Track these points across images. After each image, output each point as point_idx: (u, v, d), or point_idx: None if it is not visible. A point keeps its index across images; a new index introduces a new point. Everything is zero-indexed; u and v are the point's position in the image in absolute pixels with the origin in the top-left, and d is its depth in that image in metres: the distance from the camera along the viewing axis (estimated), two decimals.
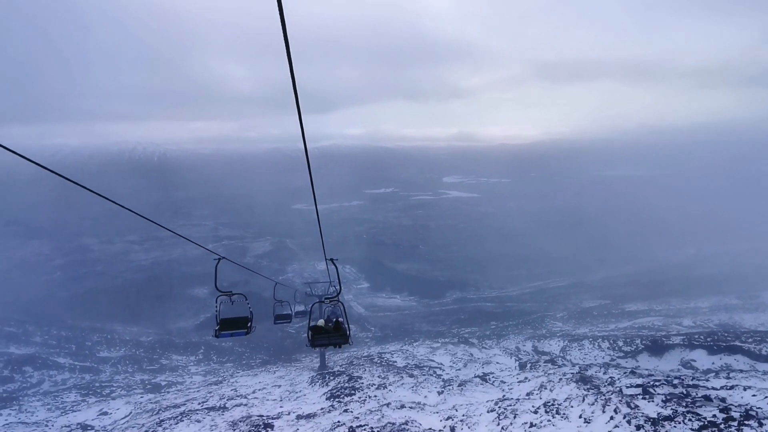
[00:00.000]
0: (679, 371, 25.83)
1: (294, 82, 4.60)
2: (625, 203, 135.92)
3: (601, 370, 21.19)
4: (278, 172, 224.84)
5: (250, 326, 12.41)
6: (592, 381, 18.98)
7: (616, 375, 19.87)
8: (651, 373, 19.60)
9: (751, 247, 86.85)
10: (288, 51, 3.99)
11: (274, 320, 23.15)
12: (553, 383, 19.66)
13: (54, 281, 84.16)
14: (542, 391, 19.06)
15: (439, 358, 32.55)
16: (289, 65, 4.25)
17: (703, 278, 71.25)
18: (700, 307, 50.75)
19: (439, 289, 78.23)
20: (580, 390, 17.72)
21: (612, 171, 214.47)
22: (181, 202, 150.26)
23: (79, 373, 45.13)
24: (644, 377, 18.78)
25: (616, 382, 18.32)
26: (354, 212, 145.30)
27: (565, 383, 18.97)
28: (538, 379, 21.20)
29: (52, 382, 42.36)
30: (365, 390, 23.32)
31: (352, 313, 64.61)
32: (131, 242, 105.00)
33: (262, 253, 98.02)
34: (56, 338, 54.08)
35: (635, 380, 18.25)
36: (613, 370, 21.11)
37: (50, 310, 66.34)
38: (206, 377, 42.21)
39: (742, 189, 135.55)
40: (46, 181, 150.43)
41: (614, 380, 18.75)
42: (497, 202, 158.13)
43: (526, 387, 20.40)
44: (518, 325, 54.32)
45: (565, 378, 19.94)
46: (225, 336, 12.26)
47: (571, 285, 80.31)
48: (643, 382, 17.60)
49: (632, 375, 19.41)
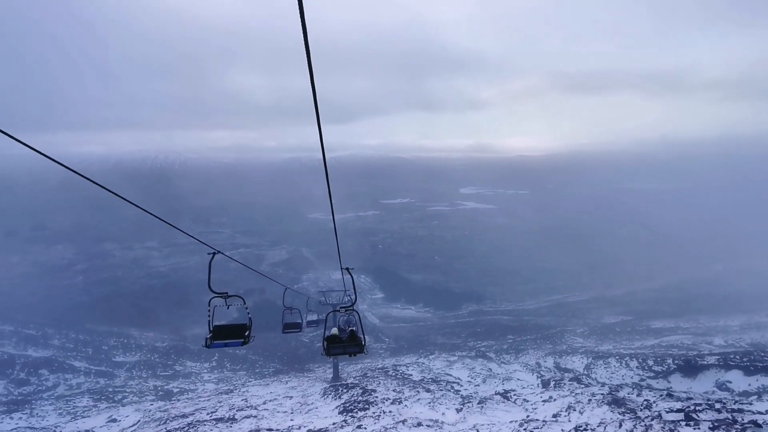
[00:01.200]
0: (714, 393, 23.95)
1: (314, 93, 4.65)
2: (646, 217, 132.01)
3: (634, 391, 19.55)
4: (296, 181, 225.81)
5: (248, 336, 10.83)
6: (626, 404, 17.41)
7: (651, 397, 18.23)
8: (689, 396, 17.93)
9: None
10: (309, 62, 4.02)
11: (283, 329, 21.51)
12: (582, 404, 18.13)
13: (75, 285, 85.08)
14: (571, 413, 17.55)
15: (457, 373, 31.06)
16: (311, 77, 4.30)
17: (730, 295, 68.16)
18: (730, 325, 48.06)
19: (454, 301, 76.44)
20: (614, 414, 16.21)
21: (633, 184, 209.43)
22: (200, 209, 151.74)
23: (94, 377, 44.87)
24: (683, 400, 17.15)
25: (653, 406, 16.75)
26: (370, 222, 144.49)
27: (596, 405, 17.44)
28: (564, 399, 19.66)
29: (67, 386, 42.13)
30: (379, 404, 22.08)
31: (366, 323, 63.38)
32: (150, 248, 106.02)
33: (278, 261, 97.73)
34: (74, 342, 54.15)
35: (674, 404, 16.66)
36: (647, 392, 19.46)
37: (70, 313, 66.79)
38: (218, 385, 41.44)
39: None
40: (72, 188, 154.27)
41: (650, 404, 17.16)
42: (515, 214, 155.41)
43: (552, 407, 18.90)
44: (537, 340, 52.44)
45: (595, 399, 18.40)
46: (217, 346, 10.65)
47: (591, 299, 77.65)
48: (683, 407, 16.02)
49: (669, 398, 17.77)
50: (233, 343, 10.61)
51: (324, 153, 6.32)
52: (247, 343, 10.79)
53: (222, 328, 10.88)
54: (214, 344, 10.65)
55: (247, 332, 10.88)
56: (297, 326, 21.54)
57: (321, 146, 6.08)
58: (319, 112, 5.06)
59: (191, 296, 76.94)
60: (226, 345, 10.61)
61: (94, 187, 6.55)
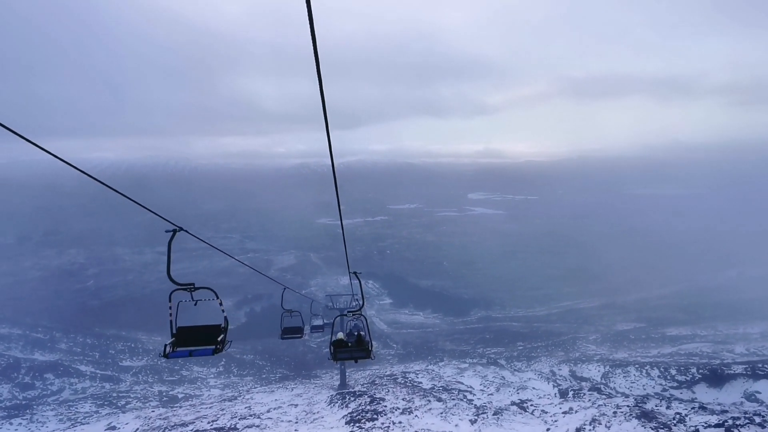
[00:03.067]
0: (743, 404, 22.28)
1: (323, 99, 4.63)
2: (658, 222, 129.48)
3: (662, 403, 17.99)
4: (304, 186, 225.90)
5: (222, 341, 8.39)
6: (657, 417, 15.90)
7: (683, 410, 16.67)
8: (724, 409, 16.38)
9: None
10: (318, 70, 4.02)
11: (282, 334, 19.26)
12: (607, 417, 16.66)
13: (86, 290, 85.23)
14: (596, 427, 16.08)
15: (468, 381, 29.57)
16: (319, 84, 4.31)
17: (747, 302, 65.95)
18: (751, 333, 45.98)
19: (463, 307, 75.09)
20: (646, 429, 14.72)
21: (644, 189, 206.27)
22: (210, 214, 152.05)
23: (99, 381, 44.07)
24: (717, 414, 15.62)
25: (687, 420, 15.27)
26: (378, 227, 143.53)
27: (624, 419, 15.96)
28: (586, 411, 18.16)
29: (72, 390, 41.31)
30: (388, 415, 20.75)
31: (374, 329, 62.11)
32: (161, 253, 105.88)
33: (286, 266, 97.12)
34: (81, 345, 53.53)
35: (708, 417, 15.16)
36: (676, 403, 17.92)
37: (79, 317, 66.48)
38: (224, 391, 40.36)
39: None
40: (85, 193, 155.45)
41: (683, 417, 15.68)
42: (524, 220, 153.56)
43: (573, 420, 17.43)
44: (548, 347, 50.84)
45: (621, 412, 16.90)
46: (180, 355, 8.13)
47: (601, 306, 75.75)
48: (719, 420, 14.55)
49: (702, 411, 16.22)
50: (202, 351, 8.09)
51: (332, 158, 6.21)
52: (220, 350, 8.25)
53: (188, 331, 8.51)
54: (176, 353, 8.20)
55: (221, 336, 8.43)
56: (298, 331, 19.35)
57: (330, 152, 5.98)
58: (327, 117, 5.01)
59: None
60: (192, 354, 8.03)
61: (106, 192, 6.46)
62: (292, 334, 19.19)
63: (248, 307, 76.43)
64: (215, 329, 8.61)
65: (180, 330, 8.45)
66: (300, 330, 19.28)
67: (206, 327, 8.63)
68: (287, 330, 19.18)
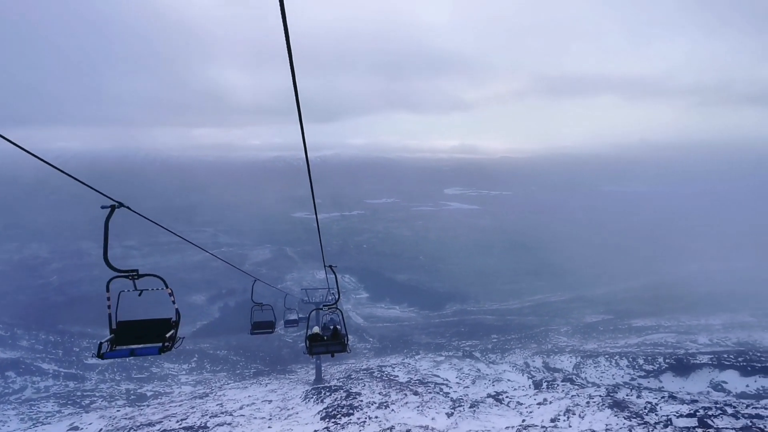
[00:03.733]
0: (710, 394, 23.06)
1: (296, 91, 4.63)
2: (625, 218, 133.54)
3: (633, 392, 18.36)
4: (280, 180, 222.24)
5: (171, 337, 7.10)
6: (629, 407, 16.14)
7: (653, 399, 17.02)
8: (694, 399, 16.77)
9: (755, 265, 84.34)
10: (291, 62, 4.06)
11: (251, 329, 18.00)
12: (580, 407, 16.81)
13: (50, 285, 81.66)
14: (570, 417, 16.20)
15: (444, 374, 29.56)
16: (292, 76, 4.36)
17: (708, 294, 68.66)
18: (713, 324, 47.81)
19: (438, 301, 75.55)
20: (619, 419, 14.89)
21: (613, 186, 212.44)
22: (182, 208, 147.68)
23: (63, 380, 42.30)
24: (688, 403, 15.95)
25: (658, 409, 15.54)
26: (355, 222, 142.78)
27: (597, 408, 16.13)
28: (560, 402, 18.31)
29: (35, 389, 39.54)
30: (365, 409, 20.42)
31: (350, 323, 61.73)
32: (129, 247, 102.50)
33: (261, 260, 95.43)
34: (44, 343, 51.17)
35: (680, 407, 15.46)
36: (646, 393, 18.30)
37: (42, 314, 63.62)
38: (196, 388, 39.19)
39: (742, 207, 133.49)
40: (48, 185, 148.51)
41: (654, 407, 15.95)
42: (498, 215, 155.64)
43: (548, 411, 17.53)
44: (521, 339, 51.71)
45: (593, 402, 17.09)
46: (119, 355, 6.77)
47: (572, 299, 77.64)
48: (690, 410, 14.84)
49: (673, 400, 16.57)
50: (146, 350, 6.76)
51: (306, 151, 6.18)
52: (168, 349, 6.93)
53: (131, 326, 7.23)
54: (114, 352, 6.82)
55: (171, 332, 7.12)
56: (269, 326, 17.94)
57: (303, 145, 5.93)
58: (300, 110, 4.97)
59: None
60: (134, 353, 6.66)
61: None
62: (263, 329, 17.90)
63: (222, 302, 74.73)
64: (164, 324, 7.33)
65: (121, 325, 7.15)
66: (271, 325, 17.89)
67: (153, 321, 7.37)
68: (257, 324, 17.91)
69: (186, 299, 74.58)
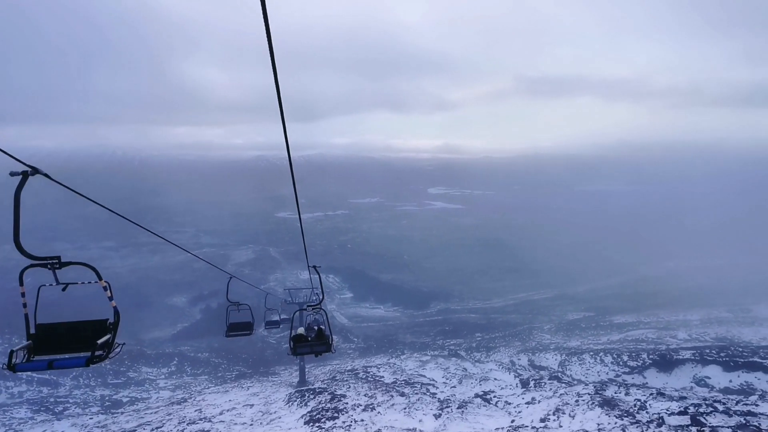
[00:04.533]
0: (693, 389, 23.13)
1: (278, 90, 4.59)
2: (605, 217, 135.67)
3: (620, 390, 18.14)
4: (263, 179, 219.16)
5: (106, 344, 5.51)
6: (619, 405, 15.87)
7: (641, 396, 16.79)
8: (682, 395, 16.57)
9: (728, 262, 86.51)
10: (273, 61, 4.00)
11: (227, 331, 16.35)
12: (570, 406, 16.47)
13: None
14: (560, 417, 15.85)
15: (430, 373, 29.05)
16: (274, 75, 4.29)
17: (684, 291, 69.94)
18: (691, 320, 48.57)
19: (423, 300, 75.21)
20: (610, 417, 14.56)
21: (593, 185, 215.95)
22: (162, 208, 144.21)
23: (36, 386, 40.51)
24: (676, 400, 15.75)
25: (648, 407, 15.30)
26: (338, 222, 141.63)
27: (587, 407, 15.80)
28: (549, 401, 17.97)
29: (9, 394, 37.83)
30: (350, 412, 19.73)
31: (334, 323, 60.86)
32: (107, 248, 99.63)
33: (244, 261, 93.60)
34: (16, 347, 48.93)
35: (669, 404, 15.24)
36: (634, 390, 18.09)
37: (14, 318, 60.65)
38: (175, 392, 37.86)
39: (716, 205, 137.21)
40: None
41: (644, 404, 15.73)
42: (481, 214, 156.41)
43: (537, 410, 17.15)
44: (505, 337, 51.67)
45: (582, 400, 16.78)
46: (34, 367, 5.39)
47: (554, 297, 78.23)
48: (681, 407, 14.62)
49: (661, 397, 16.33)
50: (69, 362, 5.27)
51: (289, 150, 6.02)
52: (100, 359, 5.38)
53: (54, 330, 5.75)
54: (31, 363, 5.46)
55: (106, 337, 5.56)
56: (247, 327, 16.25)
57: (286, 144, 5.84)
58: (283, 109, 4.89)
59: (151, 298, 72.38)
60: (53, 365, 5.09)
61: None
62: (240, 331, 16.25)
63: (204, 303, 72.87)
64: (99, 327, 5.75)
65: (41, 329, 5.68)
66: (249, 326, 16.17)
67: (85, 323, 5.79)
68: (234, 326, 16.34)
69: (167, 301, 72.76)
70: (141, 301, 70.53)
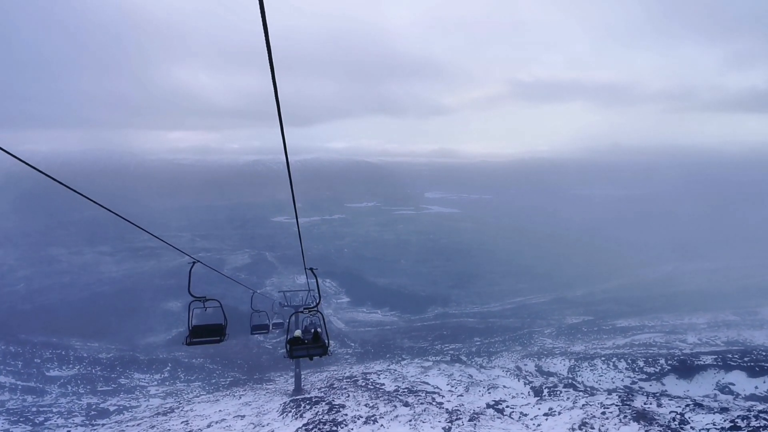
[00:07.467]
0: (717, 396, 21.30)
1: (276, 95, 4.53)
2: (601, 221, 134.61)
3: (650, 400, 16.23)
4: (259, 184, 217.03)
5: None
6: (655, 419, 13.98)
7: (676, 408, 14.88)
8: (724, 407, 14.61)
9: (725, 266, 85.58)
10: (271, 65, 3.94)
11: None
12: (597, 420, 14.52)
13: (17, 293, 76.48)
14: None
15: (434, 380, 27.00)
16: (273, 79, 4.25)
17: (684, 294, 68.81)
18: (697, 323, 46.82)
19: (420, 305, 73.68)
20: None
21: (589, 190, 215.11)
22: (158, 212, 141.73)
23: (20, 394, 38.19)
24: (718, 411, 13.86)
25: (690, 421, 13.44)
26: (335, 226, 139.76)
27: (620, 422, 13.86)
28: (570, 412, 16.02)
29: None
30: (350, 425, 17.68)
31: (331, 328, 58.78)
32: (102, 253, 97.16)
33: (240, 265, 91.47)
34: (2, 354, 46.43)
35: (713, 417, 13.32)
36: (666, 400, 16.18)
37: (4, 323, 58.56)
38: (165, 400, 35.58)
39: (711, 209, 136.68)
40: (16, 189, 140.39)
41: (684, 417, 13.83)
42: (478, 218, 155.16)
43: (560, 423, 15.18)
44: (505, 342, 49.91)
45: (610, 412, 14.84)
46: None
47: (552, 301, 76.91)
48: (727, 419, 12.75)
49: (700, 409, 14.44)
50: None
51: (287, 155, 6.04)
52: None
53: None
54: None
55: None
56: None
57: (284, 148, 5.82)
58: (281, 113, 4.86)
59: (146, 303, 70.43)
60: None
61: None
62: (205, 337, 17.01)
63: (199, 308, 70.87)
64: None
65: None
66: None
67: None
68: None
69: (161, 306, 70.77)
70: (136, 306, 68.65)
